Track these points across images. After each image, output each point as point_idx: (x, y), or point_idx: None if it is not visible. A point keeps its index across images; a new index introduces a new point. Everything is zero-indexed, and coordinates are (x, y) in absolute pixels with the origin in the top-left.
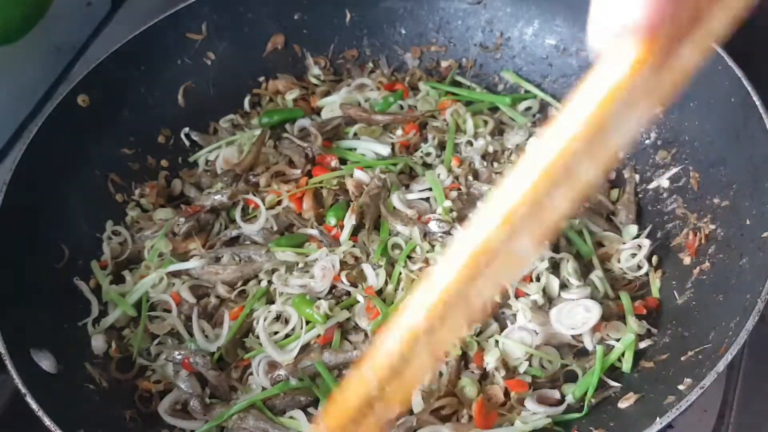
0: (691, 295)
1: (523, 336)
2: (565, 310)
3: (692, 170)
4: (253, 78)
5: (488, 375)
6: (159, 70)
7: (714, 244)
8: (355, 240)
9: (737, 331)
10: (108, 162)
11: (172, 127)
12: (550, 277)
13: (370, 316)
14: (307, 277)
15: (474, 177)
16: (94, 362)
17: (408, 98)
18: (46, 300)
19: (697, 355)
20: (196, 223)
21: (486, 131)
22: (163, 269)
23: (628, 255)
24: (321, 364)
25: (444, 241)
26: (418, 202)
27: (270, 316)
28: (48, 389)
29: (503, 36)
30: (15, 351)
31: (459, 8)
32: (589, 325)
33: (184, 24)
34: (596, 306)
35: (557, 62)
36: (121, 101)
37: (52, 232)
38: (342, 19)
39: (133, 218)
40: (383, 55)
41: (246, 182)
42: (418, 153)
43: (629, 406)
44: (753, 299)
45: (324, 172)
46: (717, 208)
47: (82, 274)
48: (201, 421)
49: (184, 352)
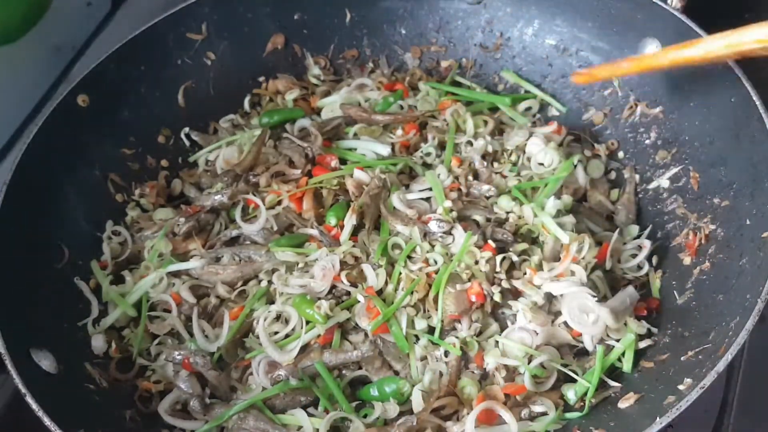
0: (691, 295)
1: (524, 336)
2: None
3: (692, 170)
4: (253, 78)
5: (488, 375)
6: (159, 70)
7: (714, 244)
8: (355, 240)
9: (737, 331)
10: (108, 162)
11: (172, 127)
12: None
13: (370, 316)
14: (307, 277)
15: (474, 177)
16: (94, 362)
17: (408, 98)
18: (46, 300)
19: (697, 355)
20: (196, 223)
21: (486, 131)
22: (163, 269)
23: (629, 255)
24: (321, 364)
25: (444, 241)
26: (418, 202)
27: (270, 316)
28: (48, 389)
29: (503, 36)
30: (15, 351)
31: (459, 8)
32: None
33: (184, 24)
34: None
35: (557, 62)
36: (121, 101)
37: (52, 232)
38: (342, 19)
39: (133, 218)
40: (383, 55)
41: (246, 182)
42: (418, 153)
43: (629, 406)
44: (753, 299)
45: (324, 172)
46: (717, 208)
47: (82, 274)
48: (201, 421)
49: (184, 352)
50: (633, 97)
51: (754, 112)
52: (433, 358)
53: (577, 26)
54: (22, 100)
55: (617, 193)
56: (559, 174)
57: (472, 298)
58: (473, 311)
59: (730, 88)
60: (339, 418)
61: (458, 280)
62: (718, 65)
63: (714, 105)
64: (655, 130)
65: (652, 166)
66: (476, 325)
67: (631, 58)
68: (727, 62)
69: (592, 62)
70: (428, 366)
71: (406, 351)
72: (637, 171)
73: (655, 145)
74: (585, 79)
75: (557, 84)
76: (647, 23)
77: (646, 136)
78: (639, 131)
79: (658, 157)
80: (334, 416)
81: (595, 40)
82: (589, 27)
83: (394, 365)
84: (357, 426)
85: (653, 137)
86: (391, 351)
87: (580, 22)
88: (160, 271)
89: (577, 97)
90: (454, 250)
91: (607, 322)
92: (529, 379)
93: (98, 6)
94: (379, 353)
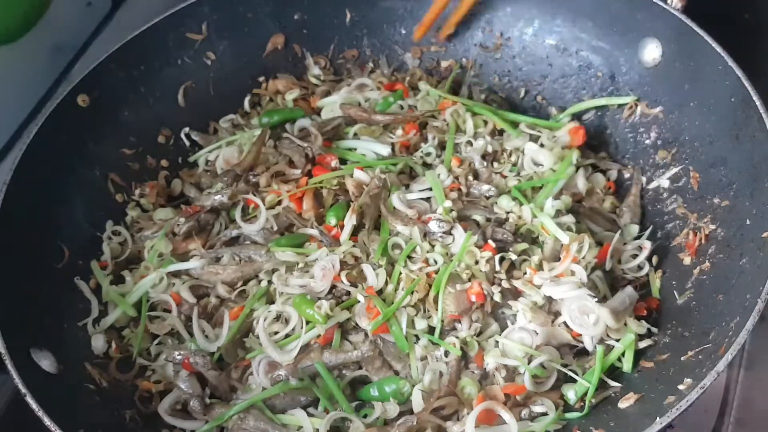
0: (691, 295)
1: (524, 336)
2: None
3: (692, 170)
4: (253, 78)
5: (488, 375)
6: (159, 70)
7: (714, 244)
8: (355, 240)
9: (737, 331)
10: (108, 162)
11: (172, 127)
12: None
13: (370, 316)
14: (307, 277)
15: (474, 177)
16: (94, 362)
17: (408, 98)
18: (46, 300)
19: (697, 355)
20: (196, 223)
21: (486, 131)
22: (164, 269)
23: (629, 256)
24: (321, 364)
25: (444, 241)
26: (418, 202)
27: (270, 316)
28: (48, 389)
29: (503, 36)
30: (15, 351)
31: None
32: (601, 326)
33: (184, 24)
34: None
35: (557, 62)
36: (121, 101)
37: (52, 232)
38: (342, 19)
39: (133, 218)
40: (383, 55)
41: (246, 182)
42: (418, 153)
43: (629, 406)
44: (753, 299)
45: (324, 172)
46: (717, 208)
47: (82, 274)
48: (201, 421)
49: (184, 352)
50: (633, 97)
51: (754, 112)
52: (433, 358)
53: (577, 26)
54: (22, 100)
55: (611, 200)
56: (559, 174)
57: (472, 298)
58: (473, 311)
59: (730, 88)
60: (339, 418)
61: (458, 280)
62: (719, 65)
63: (714, 105)
64: (655, 130)
65: (652, 166)
66: (476, 325)
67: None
68: (727, 62)
69: (592, 62)
70: (428, 366)
71: (406, 351)
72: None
73: (655, 145)
74: (420, 32)
75: (557, 84)
76: (647, 23)
77: (646, 136)
78: (639, 131)
79: (658, 157)
80: (334, 416)
81: (595, 40)
82: (589, 27)
83: (394, 365)
84: (357, 426)
85: (653, 137)
86: (391, 351)
87: (580, 22)
88: (160, 271)
89: (578, 97)
90: (454, 250)
91: (608, 323)
92: (529, 379)
93: (98, 6)
94: (379, 353)
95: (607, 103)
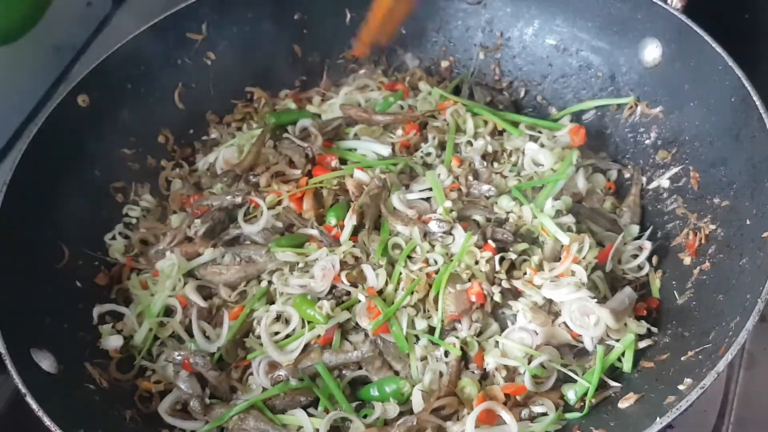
0: (691, 295)
1: (524, 336)
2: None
3: (692, 170)
4: (253, 78)
5: (488, 375)
6: (159, 70)
7: (714, 244)
8: (355, 240)
9: (737, 331)
10: (108, 162)
11: (172, 128)
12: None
13: (370, 316)
14: (308, 277)
15: (474, 177)
16: (94, 362)
17: (408, 98)
18: (46, 300)
19: (697, 355)
20: (212, 222)
21: (486, 131)
22: (179, 273)
23: (629, 256)
24: (321, 364)
25: (444, 241)
26: (418, 202)
27: (270, 316)
28: (48, 389)
29: (503, 36)
30: (15, 351)
31: (459, 8)
32: (601, 327)
33: (184, 24)
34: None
35: (557, 62)
36: (121, 101)
37: (52, 232)
38: (342, 19)
39: (147, 228)
40: (383, 55)
41: (246, 182)
42: (418, 153)
43: (629, 406)
44: (753, 299)
45: (324, 172)
46: (717, 208)
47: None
48: (201, 422)
49: (185, 352)
50: (633, 97)
51: (754, 112)
52: (433, 358)
53: (577, 26)
54: (22, 100)
55: (612, 200)
56: (559, 174)
57: (472, 298)
58: (473, 311)
59: (730, 88)
60: (339, 418)
61: (458, 280)
62: (719, 65)
63: (714, 105)
64: (655, 130)
65: (652, 166)
66: (476, 325)
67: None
68: (727, 62)
69: (592, 62)
70: (428, 366)
71: (406, 351)
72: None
73: (655, 145)
74: (361, 50)
75: (557, 84)
76: (647, 23)
77: (646, 136)
78: (639, 131)
79: (658, 157)
80: (334, 416)
81: (595, 40)
82: (589, 27)
83: (394, 365)
84: (357, 426)
85: (653, 137)
86: (392, 351)
87: (580, 22)
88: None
89: (578, 97)
90: (454, 250)
91: (608, 323)
92: (529, 379)
93: (98, 6)
94: (380, 353)
95: (607, 103)
